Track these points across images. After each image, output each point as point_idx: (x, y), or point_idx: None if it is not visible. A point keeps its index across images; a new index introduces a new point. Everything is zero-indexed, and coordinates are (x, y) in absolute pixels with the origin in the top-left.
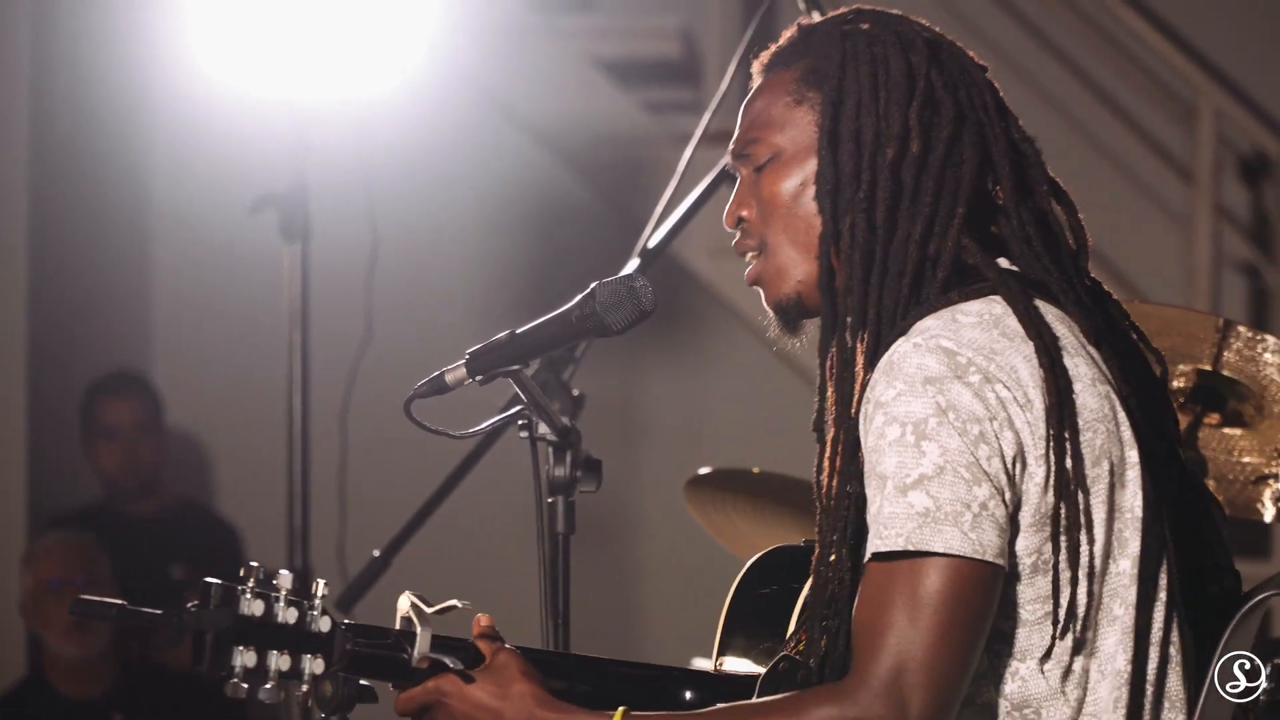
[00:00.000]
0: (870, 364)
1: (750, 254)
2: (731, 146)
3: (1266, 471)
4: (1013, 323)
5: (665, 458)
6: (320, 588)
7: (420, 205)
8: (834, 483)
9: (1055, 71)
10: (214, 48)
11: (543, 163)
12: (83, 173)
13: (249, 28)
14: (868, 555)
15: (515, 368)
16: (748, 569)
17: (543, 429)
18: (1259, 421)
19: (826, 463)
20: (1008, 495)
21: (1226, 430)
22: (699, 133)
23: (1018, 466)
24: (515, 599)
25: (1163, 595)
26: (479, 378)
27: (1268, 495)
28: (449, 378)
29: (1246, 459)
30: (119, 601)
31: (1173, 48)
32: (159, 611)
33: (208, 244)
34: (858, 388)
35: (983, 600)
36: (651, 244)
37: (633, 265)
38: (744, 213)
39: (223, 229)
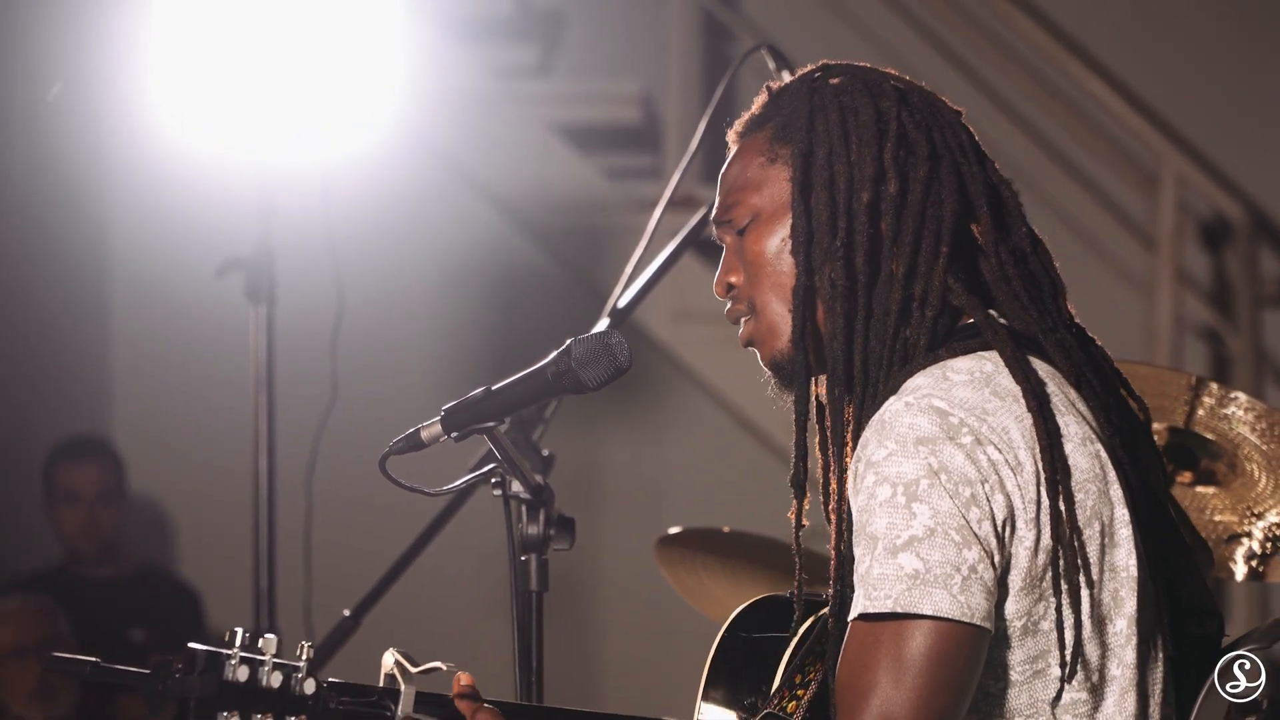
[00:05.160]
0: (860, 415)
1: (742, 318)
2: (713, 216)
3: (1238, 530)
4: (1004, 381)
5: (625, 521)
6: (306, 650)
7: (384, 268)
8: (841, 544)
9: (1017, 138)
10: (178, 110)
11: (503, 227)
12: (42, 236)
13: (214, 91)
14: (853, 614)
15: (490, 424)
16: (732, 620)
17: (516, 487)
18: (1231, 480)
19: (834, 526)
20: (997, 558)
21: (1199, 489)
22: (668, 192)
23: (1007, 530)
24: (484, 656)
25: (1160, 654)
26: (454, 434)
27: (1239, 554)
28: (424, 434)
29: (1219, 517)
30: (93, 659)
31: (1135, 114)
32: (133, 669)
33: (170, 306)
34: (850, 437)
35: (968, 663)
36: (622, 304)
37: (603, 325)
38: (732, 279)
39: (186, 291)
